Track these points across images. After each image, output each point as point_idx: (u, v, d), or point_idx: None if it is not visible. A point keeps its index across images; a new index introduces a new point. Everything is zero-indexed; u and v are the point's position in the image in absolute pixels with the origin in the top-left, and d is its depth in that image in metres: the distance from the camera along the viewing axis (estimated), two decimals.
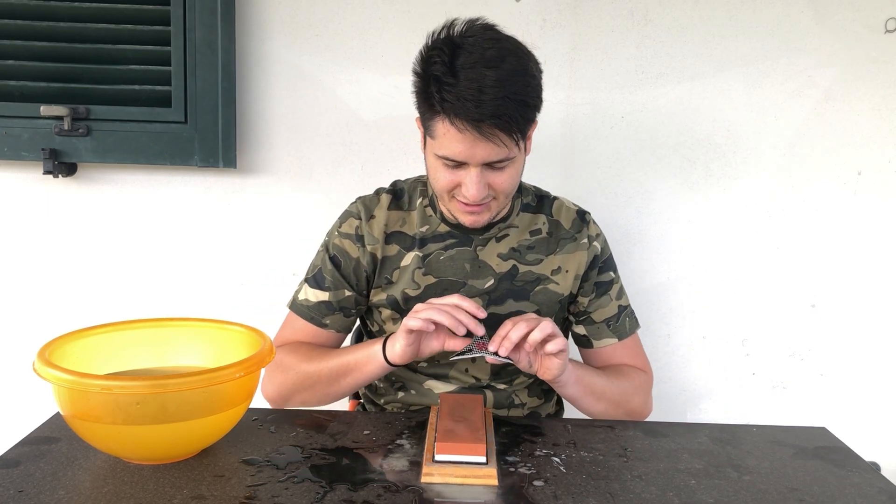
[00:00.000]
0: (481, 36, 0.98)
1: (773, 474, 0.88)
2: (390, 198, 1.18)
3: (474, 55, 0.95)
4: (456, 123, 0.96)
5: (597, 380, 1.10)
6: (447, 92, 0.95)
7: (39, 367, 0.80)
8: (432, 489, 0.81)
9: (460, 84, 0.94)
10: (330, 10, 1.53)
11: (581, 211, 1.21)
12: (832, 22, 1.52)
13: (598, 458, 0.91)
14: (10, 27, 1.49)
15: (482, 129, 0.95)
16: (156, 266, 1.60)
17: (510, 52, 0.97)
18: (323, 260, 1.18)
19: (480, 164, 1.00)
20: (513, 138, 0.97)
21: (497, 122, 0.95)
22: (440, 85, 0.96)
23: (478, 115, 0.94)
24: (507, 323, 0.99)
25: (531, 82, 0.98)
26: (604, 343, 1.19)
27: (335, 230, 1.18)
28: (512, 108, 0.94)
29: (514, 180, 1.05)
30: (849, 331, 1.61)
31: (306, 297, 1.18)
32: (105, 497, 0.77)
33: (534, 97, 0.99)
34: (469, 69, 0.94)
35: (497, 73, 0.94)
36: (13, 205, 1.57)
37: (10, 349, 1.60)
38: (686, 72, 1.54)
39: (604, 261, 1.20)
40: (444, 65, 0.95)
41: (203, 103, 1.49)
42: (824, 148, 1.56)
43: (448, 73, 0.95)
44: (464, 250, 1.14)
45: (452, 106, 0.95)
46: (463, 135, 0.96)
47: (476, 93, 0.93)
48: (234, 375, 0.82)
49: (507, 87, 0.94)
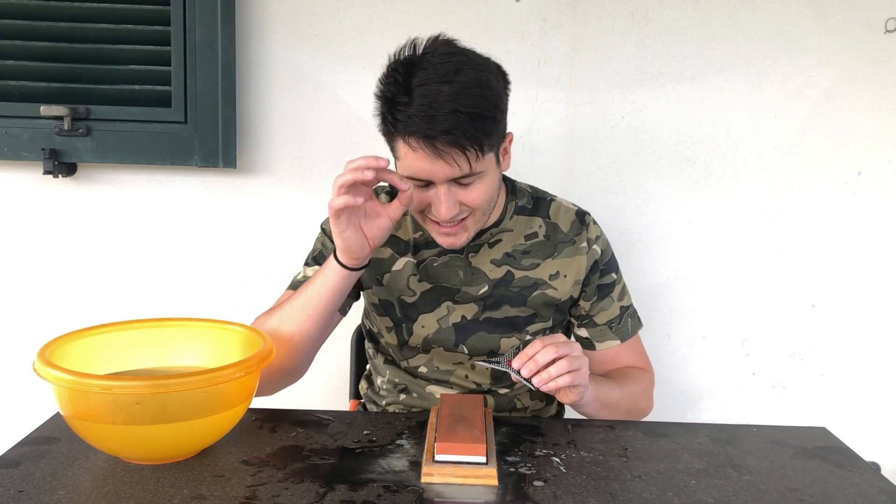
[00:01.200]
0: (440, 51, 0.95)
1: (773, 474, 0.88)
2: (387, 199, 1.16)
3: (429, 71, 0.93)
4: (410, 142, 0.94)
5: (612, 393, 1.08)
6: (399, 112, 0.93)
7: (39, 367, 0.80)
8: (432, 489, 0.81)
9: (414, 102, 0.92)
10: (330, 10, 1.54)
11: (581, 212, 1.19)
12: (832, 22, 1.52)
13: (598, 458, 0.91)
14: (10, 27, 1.49)
15: (436, 145, 0.93)
16: (156, 266, 1.60)
17: (468, 65, 0.94)
18: (322, 242, 1.18)
19: (446, 182, 0.97)
20: (471, 152, 0.94)
21: (450, 138, 0.92)
22: (393, 105, 0.94)
23: (428, 131, 0.91)
24: (535, 343, 0.95)
25: (487, 94, 0.95)
26: (606, 345, 1.19)
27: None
28: (465, 122, 0.91)
29: (485, 195, 1.01)
30: (849, 331, 1.61)
31: (304, 274, 1.16)
32: (105, 497, 0.77)
33: (490, 108, 0.95)
34: (423, 86, 0.92)
35: (451, 88, 0.91)
36: (13, 205, 1.57)
37: (10, 349, 1.60)
38: (686, 72, 1.54)
39: (605, 263, 1.18)
40: (399, 84, 0.93)
41: (203, 103, 1.49)
42: (824, 148, 1.56)
43: (402, 93, 0.93)
44: (457, 257, 1.13)
45: (404, 125, 0.93)
46: (418, 153, 0.94)
47: (427, 108, 0.91)
48: (234, 375, 0.82)
49: (460, 100, 0.91)
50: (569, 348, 0.94)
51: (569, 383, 0.94)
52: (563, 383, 0.93)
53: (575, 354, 0.94)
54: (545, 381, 0.93)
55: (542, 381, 0.93)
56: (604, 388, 1.07)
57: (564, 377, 0.93)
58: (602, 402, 1.06)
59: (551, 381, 0.93)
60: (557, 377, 0.93)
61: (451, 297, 1.13)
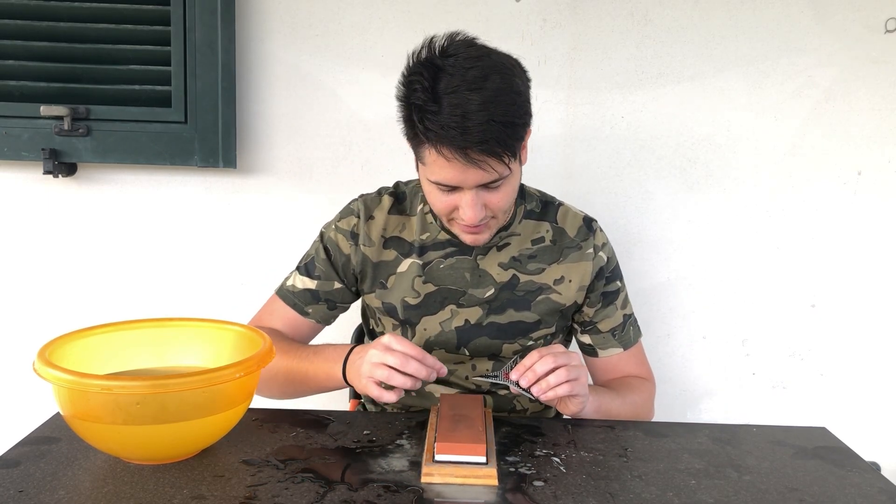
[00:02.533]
0: (463, 55, 0.94)
1: (773, 474, 0.88)
2: (392, 200, 1.16)
3: (456, 78, 0.91)
4: (443, 152, 0.93)
5: (613, 404, 1.08)
6: (430, 121, 0.92)
7: (39, 367, 0.80)
8: (432, 489, 0.81)
9: (443, 111, 0.91)
10: (330, 10, 1.53)
11: (588, 218, 1.19)
12: (832, 22, 1.52)
13: (598, 458, 0.91)
14: (10, 27, 1.49)
15: (470, 155, 0.92)
16: (156, 266, 1.60)
17: (494, 70, 0.93)
18: (317, 250, 1.18)
19: (475, 187, 0.98)
20: (503, 161, 0.95)
21: (484, 148, 0.92)
22: (423, 113, 0.93)
23: (463, 142, 0.91)
24: (534, 353, 0.96)
25: (517, 100, 0.95)
26: (609, 353, 1.19)
27: (333, 223, 1.18)
28: (498, 130, 0.91)
29: (510, 197, 1.03)
30: (849, 331, 1.61)
31: (294, 283, 1.18)
32: (105, 497, 0.77)
33: (521, 114, 0.96)
34: (452, 94, 0.91)
35: (481, 96, 0.91)
36: (13, 205, 1.57)
37: (10, 349, 1.60)
38: (686, 72, 1.54)
39: (611, 271, 1.18)
40: (426, 91, 0.92)
41: (203, 103, 1.49)
42: (824, 148, 1.56)
43: (430, 101, 0.92)
44: (464, 259, 1.13)
45: (437, 135, 0.92)
46: (451, 163, 0.94)
47: (460, 119, 0.90)
48: (234, 375, 0.82)
49: (492, 108, 0.91)
50: (567, 358, 0.95)
51: (567, 392, 0.94)
52: (563, 392, 0.94)
53: (573, 364, 0.95)
54: (544, 390, 0.93)
55: (541, 391, 0.93)
56: (605, 398, 1.07)
57: (563, 386, 0.93)
58: (603, 412, 1.06)
59: (550, 391, 0.93)
60: (556, 386, 0.93)
61: (456, 301, 1.13)
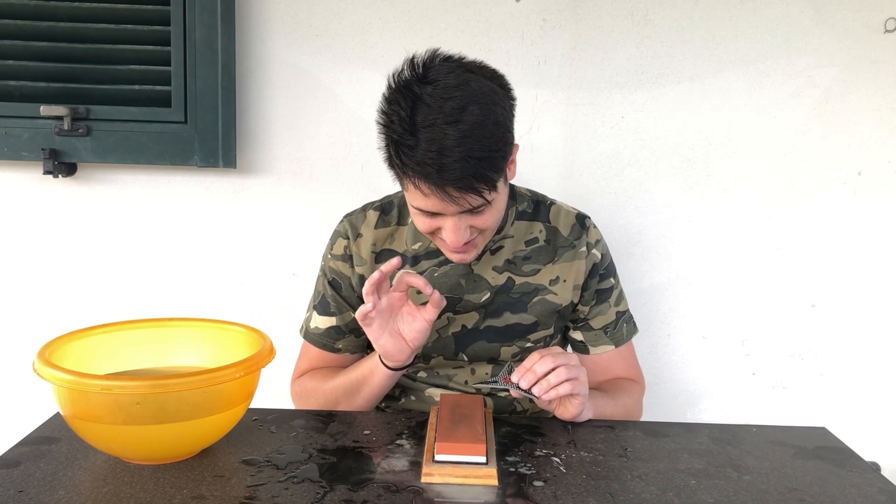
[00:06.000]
0: (442, 82, 0.91)
1: (773, 474, 0.88)
2: (378, 214, 1.15)
3: (433, 110, 0.89)
4: (420, 187, 0.92)
5: (607, 407, 1.08)
6: (407, 156, 0.90)
7: (39, 367, 0.80)
8: (432, 489, 0.81)
9: (420, 146, 0.89)
10: (330, 10, 1.54)
11: (581, 216, 1.18)
12: (832, 22, 1.52)
13: (598, 458, 0.91)
14: (10, 27, 1.49)
15: (448, 192, 0.91)
16: (156, 266, 1.60)
17: (472, 100, 0.90)
18: (324, 285, 1.17)
19: (456, 214, 0.96)
20: (482, 195, 0.93)
21: (462, 185, 0.90)
22: (399, 147, 0.91)
23: (440, 180, 0.89)
24: (533, 355, 0.96)
25: (496, 132, 0.92)
26: (601, 350, 1.19)
27: (328, 253, 1.17)
28: (475, 167, 0.89)
29: (496, 217, 1.00)
30: (849, 331, 1.61)
31: (316, 325, 1.17)
32: (105, 497, 0.77)
33: (500, 146, 0.93)
34: (429, 128, 0.89)
35: (458, 131, 0.88)
36: (13, 205, 1.57)
37: (10, 349, 1.60)
38: (686, 72, 1.54)
39: (604, 268, 1.18)
40: (403, 122, 0.90)
41: (203, 103, 1.49)
42: (824, 148, 1.56)
43: (408, 133, 0.90)
44: (457, 266, 1.12)
45: (414, 171, 0.91)
46: (429, 198, 0.93)
47: (436, 156, 0.88)
48: (234, 375, 0.82)
49: (470, 143, 0.88)
50: (566, 358, 0.95)
51: (569, 391, 0.94)
52: (564, 391, 0.94)
53: (573, 364, 0.95)
54: (545, 389, 0.93)
55: (542, 390, 0.93)
56: (599, 401, 1.07)
57: (564, 385, 0.93)
58: (598, 415, 1.06)
59: (552, 390, 0.93)
60: (557, 385, 0.93)
61: (452, 308, 1.12)
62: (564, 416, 1.00)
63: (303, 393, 1.17)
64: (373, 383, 1.07)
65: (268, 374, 0.93)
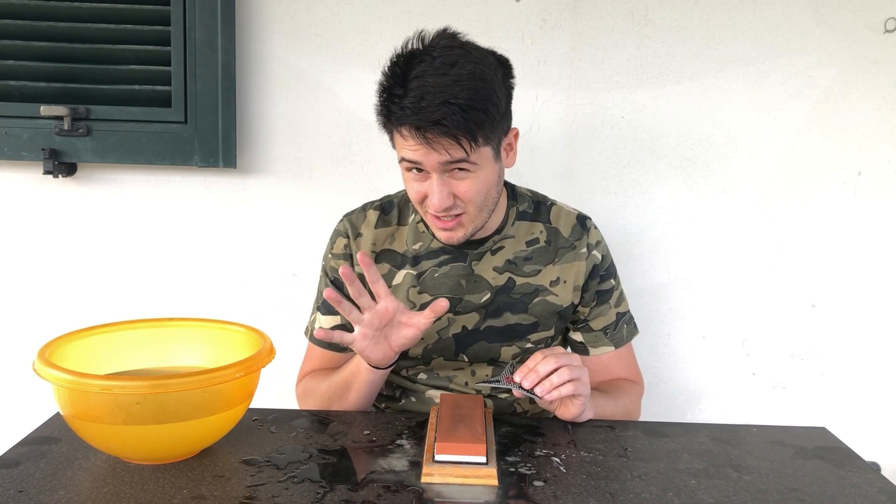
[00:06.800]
0: (442, 44, 0.97)
1: (773, 474, 0.88)
2: (378, 214, 1.16)
3: (426, 64, 0.94)
4: (402, 132, 0.97)
5: (607, 407, 1.08)
6: (394, 104, 0.95)
7: (39, 367, 0.80)
8: (432, 489, 0.81)
9: (408, 95, 0.94)
10: (330, 10, 1.54)
11: (581, 216, 1.18)
12: (832, 22, 1.52)
13: (598, 458, 0.91)
14: (10, 27, 1.48)
15: (426, 136, 0.94)
16: (156, 266, 1.60)
17: (467, 59, 0.95)
18: (326, 285, 1.17)
19: (439, 171, 0.98)
20: (464, 142, 0.95)
21: (440, 129, 0.93)
22: (389, 96, 0.97)
23: (417, 121, 0.93)
24: (536, 355, 0.96)
25: (480, 86, 0.95)
26: (601, 351, 1.19)
27: (328, 253, 1.18)
28: (454, 112, 0.92)
29: (478, 189, 1.01)
30: (849, 331, 1.61)
31: (321, 325, 1.17)
32: (105, 497, 0.77)
33: (484, 102, 0.95)
34: (418, 78, 0.94)
35: (444, 80, 0.93)
36: (13, 205, 1.57)
37: (10, 349, 1.60)
38: (686, 72, 1.54)
39: (605, 269, 1.18)
40: (397, 76, 0.96)
41: (203, 103, 1.49)
42: (824, 148, 1.56)
43: (398, 85, 0.95)
44: (458, 266, 1.12)
45: (397, 116, 0.96)
46: (409, 142, 0.96)
47: (417, 100, 0.93)
48: (234, 375, 0.82)
49: (451, 91, 0.92)
50: (569, 359, 0.95)
51: (571, 392, 0.94)
52: (566, 392, 0.94)
53: (575, 364, 0.95)
54: (548, 389, 0.93)
55: (545, 390, 0.93)
56: (599, 401, 1.07)
57: (567, 386, 0.93)
58: (598, 415, 1.06)
59: (554, 390, 0.93)
60: (560, 385, 0.93)
61: (452, 309, 1.12)
62: (565, 416, 1.00)
63: (304, 394, 1.17)
64: (360, 382, 1.06)
65: (268, 374, 0.93)
